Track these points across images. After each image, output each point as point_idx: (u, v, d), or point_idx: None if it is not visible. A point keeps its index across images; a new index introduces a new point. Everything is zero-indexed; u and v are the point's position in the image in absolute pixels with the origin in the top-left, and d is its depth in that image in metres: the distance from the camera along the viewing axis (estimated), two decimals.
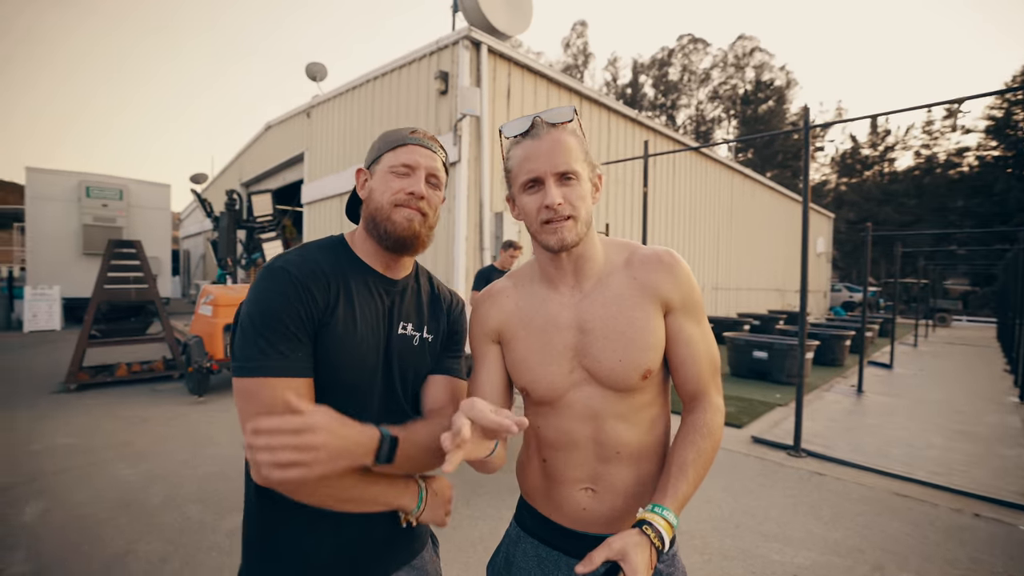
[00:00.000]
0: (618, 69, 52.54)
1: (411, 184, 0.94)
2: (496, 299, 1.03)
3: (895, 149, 39.39)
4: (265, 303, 0.83)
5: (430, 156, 0.97)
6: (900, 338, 13.16)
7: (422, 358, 1.01)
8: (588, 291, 0.95)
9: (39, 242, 11.69)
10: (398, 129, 1.00)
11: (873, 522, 2.94)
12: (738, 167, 14.62)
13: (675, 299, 0.92)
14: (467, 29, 6.69)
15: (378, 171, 0.97)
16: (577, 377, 0.93)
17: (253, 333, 0.82)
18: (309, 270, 0.88)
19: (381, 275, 0.99)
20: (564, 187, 0.87)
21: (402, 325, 0.99)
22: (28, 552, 2.47)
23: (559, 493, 0.96)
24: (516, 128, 0.93)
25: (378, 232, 0.94)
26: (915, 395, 6.46)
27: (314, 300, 0.86)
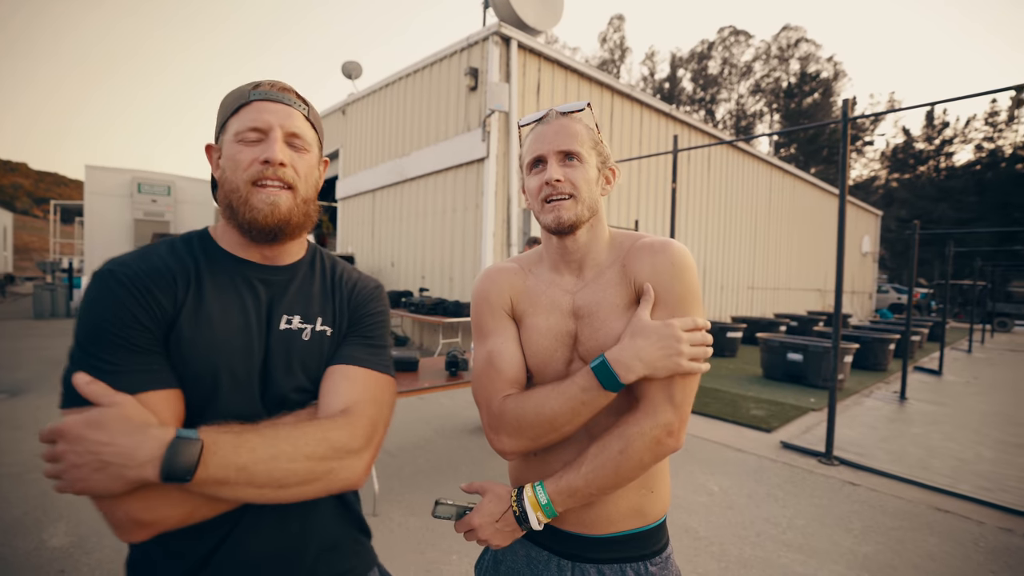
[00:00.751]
0: (656, 63, 51.50)
1: (264, 150, 0.75)
2: (503, 274, 1.00)
3: (953, 142, 37.05)
4: (93, 314, 0.67)
5: (285, 111, 0.78)
6: (953, 343, 12.42)
7: (316, 354, 0.83)
8: (588, 280, 0.94)
9: (95, 235, 12.45)
10: (239, 87, 0.80)
11: (909, 537, 2.78)
12: (778, 163, 14.10)
13: (651, 286, 0.86)
14: (497, 25, 6.68)
15: (225, 142, 0.78)
16: (576, 367, 0.92)
17: (80, 353, 0.66)
18: (146, 267, 0.72)
19: (257, 264, 0.82)
20: (566, 167, 0.87)
21: (286, 319, 0.81)
22: (68, 524, 2.64)
23: None
24: (531, 118, 0.95)
25: (237, 220, 0.77)
26: (965, 404, 6.07)
27: (156, 301, 0.70)
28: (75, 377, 0.62)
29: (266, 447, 0.66)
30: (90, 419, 0.59)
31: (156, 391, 0.67)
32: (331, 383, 0.81)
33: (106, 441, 0.58)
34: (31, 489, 3.01)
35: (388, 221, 9.52)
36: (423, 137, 8.38)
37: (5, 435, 3.94)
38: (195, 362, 0.72)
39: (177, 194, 13.32)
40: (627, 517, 0.90)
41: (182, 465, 0.60)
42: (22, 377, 5.85)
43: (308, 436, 0.70)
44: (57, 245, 19.49)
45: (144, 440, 0.60)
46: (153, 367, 0.68)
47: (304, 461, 0.68)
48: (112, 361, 0.65)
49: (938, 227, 29.70)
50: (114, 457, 0.58)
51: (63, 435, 0.58)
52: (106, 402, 0.61)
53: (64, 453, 0.58)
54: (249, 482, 0.65)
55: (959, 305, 23.72)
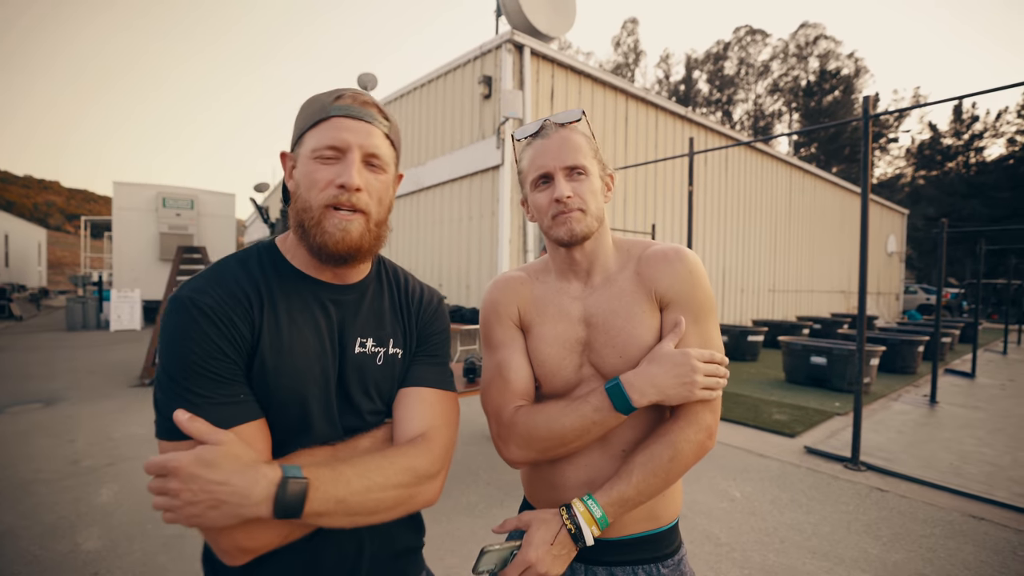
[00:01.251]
0: (671, 66, 51.19)
1: (341, 173, 0.73)
2: (511, 284, 1.01)
3: (984, 136, 35.88)
4: (179, 345, 0.67)
5: (365, 130, 0.75)
6: (986, 345, 11.98)
7: (389, 377, 0.84)
8: (596, 286, 0.95)
9: (123, 249, 12.86)
10: (321, 94, 0.78)
11: (941, 545, 2.69)
12: (797, 162, 13.86)
13: (670, 294, 0.90)
14: (510, 32, 6.74)
15: (301, 156, 0.76)
16: (586, 372, 0.93)
17: (172, 386, 0.67)
18: (225, 294, 0.71)
19: (326, 284, 0.81)
20: (573, 181, 0.88)
21: (360, 342, 0.82)
22: (101, 528, 2.72)
23: (561, 495, 0.94)
24: (527, 131, 0.95)
25: (308, 242, 0.75)
26: (1000, 407, 5.85)
27: (237, 331, 0.71)
28: (176, 414, 0.64)
29: (360, 479, 0.69)
30: (202, 458, 0.61)
31: (247, 423, 0.69)
32: (406, 407, 0.83)
33: (221, 480, 0.60)
34: (65, 495, 3.12)
35: (405, 230, 9.63)
36: (438, 146, 8.48)
37: (41, 442, 4.09)
38: (280, 391, 0.73)
39: (199, 207, 13.70)
40: (639, 520, 0.91)
41: (292, 503, 0.63)
42: (56, 387, 6.06)
43: (396, 466, 0.73)
44: (88, 259, 20.18)
45: (256, 479, 0.62)
46: (240, 397, 0.70)
47: (393, 490, 0.72)
48: (202, 394, 0.67)
49: (968, 224, 28.77)
50: (230, 496, 0.61)
51: (177, 473, 0.59)
52: (212, 439, 0.63)
53: (179, 491, 0.59)
54: (346, 512, 0.68)
55: (992, 305, 22.90)
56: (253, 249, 0.81)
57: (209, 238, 13.59)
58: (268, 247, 0.81)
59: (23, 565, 2.37)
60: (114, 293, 12.03)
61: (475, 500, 3.11)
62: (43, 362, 7.74)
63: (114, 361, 7.93)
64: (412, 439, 0.79)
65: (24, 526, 2.72)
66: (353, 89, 0.78)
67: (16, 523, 2.75)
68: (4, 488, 3.20)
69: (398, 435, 0.81)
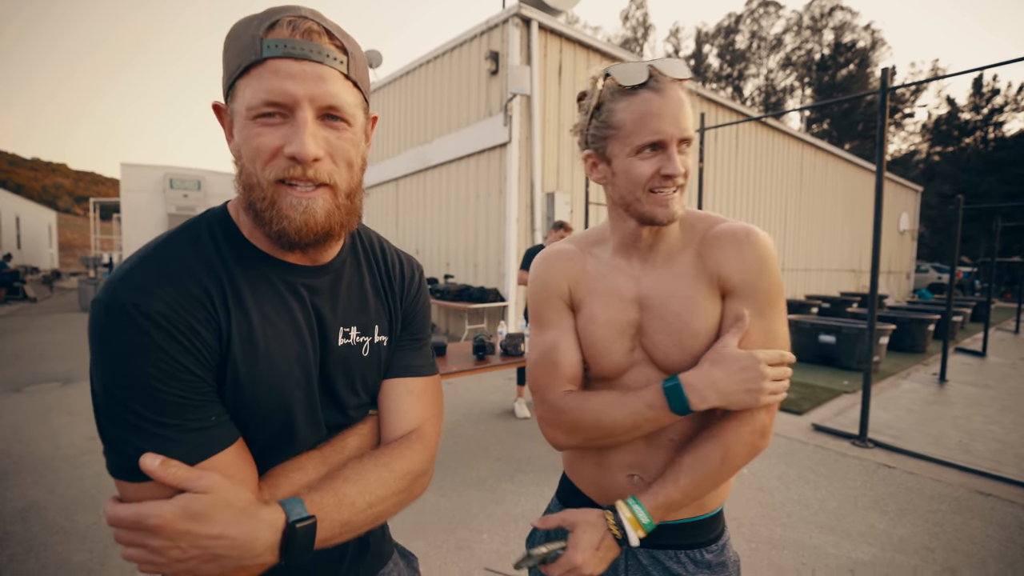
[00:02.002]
0: (680, 40, 49.92)
1: (290, 138, 0.56)
2: (560, 260, 0.93)
3: (1004, 111, 34.89)
4: (126, 366, 0.53)
5: (316, 73, 0.56)
6: (998, 324, 11.86)
7: (375, 368, 0.76)
8: (657, 264, 0.87)
9: (131, 230, 12.97)
10: (249, 19, 0.57)
11: (948, 520, 2.71)
12: (809, 139, 13.60)
13: (734, 280, 0.81)
14: (517, 6, 6.59)
15: (237, 114, 0.58)
16: (637, 357, 0.87)
17: (125, 414, 0.53)
18: (179, 294, 0.56)
19: (296, 266, 0.67)
20: (683, 155, 0.78)
21: (343, 332, 0.71)
22: None
23: (604, 476, 0.91)
24: (633, 76, 0.77)
25: (264, 227, 0.60)
26: (1010, 386, 5.82)
27: (201, 340, 0.57)
28: (144, 460, 0.51)
29: (362, 496, 0.64)
30: (190, 511, 0.51)
31: (225, 450, 0.58)
32: (394, 400, 0.76)
33: (215, 535, 0.52)
34: (87, 470, 3.20)
35: (412, 209, 9.59)
36: (445, 124, 8.38)
37: (60, 420, 4.19)
38: (258, 402, 0.62)
39: (206, 188, 13.73)
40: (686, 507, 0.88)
41: (303, 547, 0.57)
42: (72, 366, 6.18)
43: (396, 473, 0.68)
44: (98, 241, 20.36)
45: (258, 527, 0.54)
46: (211, 420, 0.57)
47: (393, 498, 0.67)
48: (167, 423, 0.54)
49: (984, 201, 28.22)
50: (229, 551, 0.53)
51: (158, 531, 0.50)
52: (196, 487, 0.52)
53: (164, 548, 0.50)
54: (350, 532, 0.63)
55: (1006, 284, 22.60)
56: (202, 221, 0.64)
57: None
58: (221, 218, 0.65)
59: (50, 535, 2.46)
60: None
61: (484, 475, 3.17)
62: (58, 342, 7.88)
63: None
64: (404, 436, 0.73)
65: (48, 500, 2.81)
66: (292, 9, 0.57)
67: (41, 497, 2.84)
68: (28, 464, 3.30)
69: (387, 432, 0.74)
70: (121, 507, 0.52)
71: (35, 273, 20.19)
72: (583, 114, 0.85)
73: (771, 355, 0.77)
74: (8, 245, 18.87)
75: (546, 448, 3.59)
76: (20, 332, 8.95)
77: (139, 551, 0.51)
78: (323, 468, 0.67)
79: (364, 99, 0.65)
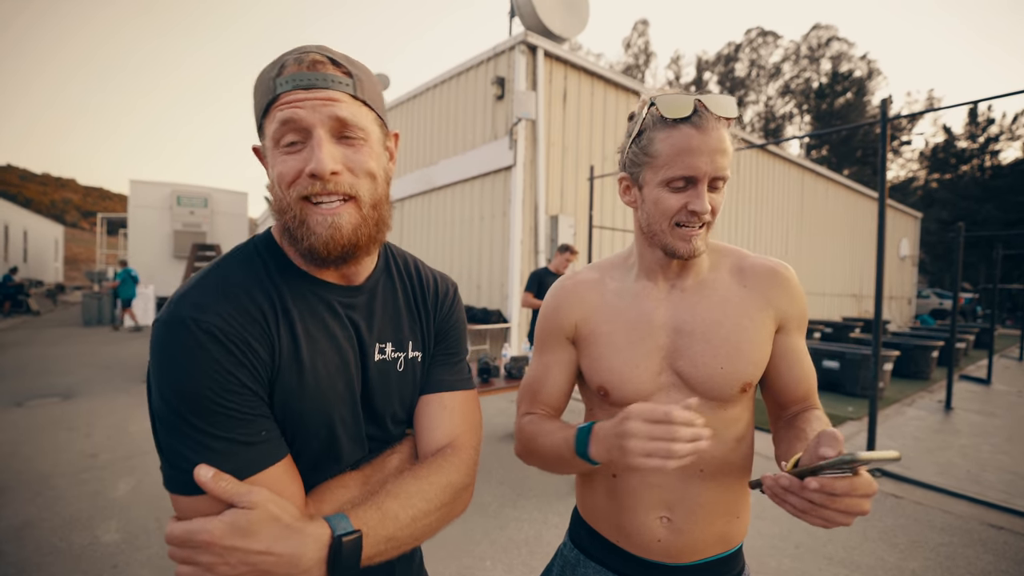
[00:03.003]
0: (681, 67, 50.97)
1: (308, 158, 0.60)
2: (578, 291, 0.94)
3: (999, 139, 35.34)
4: (186, 379, 0.56)
5: (323, 98, 0.61)
6: (1002, 350, 11.80)
7: (411, 383, 0.78)
8: (688, 289, 0.88)
9: (138, 246, 13.05)
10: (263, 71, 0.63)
11: (959, 554, 2.66)
12: (810, 165, 13.76)
13: (792, 316, 0.87)
14: (523, 34, 6.75)
15: (267, 148, 0.64)
16: (665, 380, 0.85)
17: (182, 426, 0.56)
18: (235, 310, 0.60)
19: (333, 285, 0.70)
20: (712, 193, 0.79)
21: (379, 348, 0.73)
22: (119, 522, 2.76)
23: (630, 520, 0.87)
24: (677, 108, 0.76)
25: (296, 244, 0.64)
26: (1017, 415, 5.76)
27: (256, 356, 0.60)
28: (198, 472, 0.54)
29: (406, 511, 0.64)
30: (237, 526, 0.53)
31: (274, 465, 0.59)
32: (429, 416, 0.77)
33: (262, 550, 0.53)
34: (84, 488, 3.17)
35: (416, 229, 9.67)
36: (450, 146, 8.50)
37: (60, 436, 4.16)
38: (305, 416, 0.64)
39: (213, 205, 13.86)
40: (713, 544, 0.87)
41: (349, 562, 0.57)
42: (74, 381, 6.16)
43: (436, 487, 0.68)
44: (104, 256, 20.47)
45: (305, 543, 0.55)
46: (262, 435, 0.59)
47: (436, 512, 0.67)
48: (221, 436, 0.56)
49: (983, 229, 28.35)
50: (275, 567, 0.53)
51: (209, 548, 0.52)
52: (244, 502, 0.54)
53: (213, 565, 0.52)
54: (395, 548, 0.63)
55: (1008, 310, 22.55)
56: (251, 244, 0.69)
57: (222, 236, 13.75)
58: (267, 243, 0.69)
59: (44, 556, 2.42)
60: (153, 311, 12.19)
61: (488, 500, 3.12)
62: (60, 357, 7.87)
63: (129, 356, 8.03)
64: (440, 450, 0.74)
65: (44, 518, 2.77)
66: (299, 49, 0.62)
67: (37, 515, 2.80)
68: (24, 481, 3.26)
69: (423, 447, 0.75)
70: (175, 525, 0.54)
71: (39, 287, 20.26)
72: (626, 136, 0.86)
73: (652, 413, 0.67)
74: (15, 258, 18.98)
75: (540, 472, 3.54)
76: (23, 345, 8.94)
77: (191, 568, 0.53)
78: (365, 486, 0.68)
79: (378, 116, 0.68)
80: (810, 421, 0.81)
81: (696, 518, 0.85)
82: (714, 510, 0.86)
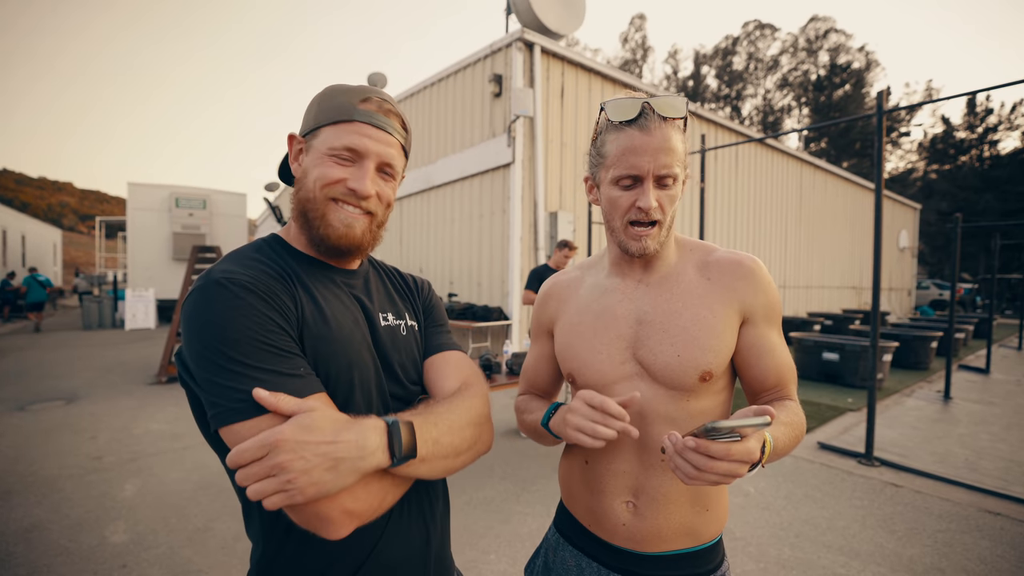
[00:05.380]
0: (679, 61, 50.85)
1: (354, 178, 0.75)
2: (558, 288, 1.05)
3: (998, 130, 35.29)
4: (229, 323, 0.63)
5: (384, 140, 0.77)
6: (1001, 340, 11.84)
7: (415, 347, 0.89)
8: (653, 284, 0.92)
9: (137, 249, 13.04)
10: (347, 89, 0.77)
11: (957, 540, 2.69)
12: (808, 158, 13.76)
13: (757, 308, 0.88)
14: (520, 31, 6.75)
15: (315, 147, 0.76)
16: (628, 370, 0.89)
17: (231, 365, 0.61)
18: (258, 272, 0.70)
19: (336, 268, 0.83)
20: (660, 190, 0.83)
21: (382, 316, 0.85)
22: (127, 522, 2.79)
23: (599, 504, 0.92)
24: (622, 112, 0.82)
25: (310, 230, 0.77)
26: (1016, 403, 5.80)
27: (282, 303, 0.69)
28: (256, 391, 0.59)
29: (443, 420, 0.72)
30: (303, 424, 0.58)
31: (314, 395, 0.65)
32: (437, 369, 0.87)
33: (331, 439, 0.58)
34: (91, 490, 3.20)
35: (416, 228, 9.68)
36: (449, 144, 8.51)
37: (65, 439, 4.18)
38: (335, 359, 0.72)
39: (212, 207, 13.84)
40: (678, 536, 0.88)
41: (408, 445, 0.64)
42: (76, 385, 6.19)
43: (462, 407, 0.77)
44: (103, 259, 20.45)
45: (365, 430, 0.62)
46: (302, 371, 0.66)
47: (468, 428, 0.75)
48: (268, 369, 0.63)
49: (982, 219, 28.36)
50: (347, 452, 0.59)
51: (282, 445, 0.55)
52: (304, 408, 0.60)
53: (290, 462, 0.55)
54: (438, 454, 0.69)
55: (1007, 300, 22.59)
56: (260, 241, 0.81)
57: (221, 237, 13.74)
58: (275, 238, 0.82)
59: (54, 557, 2.45)
60: (128, 292, 12.20)
61: (491, 495, 3.15)
62: (62, 361, 7.89)
63: (131, 359, 8.06)
64: (456, 390, 0.82)
65: (53, 520, 2.80)
66: (378, 93, 0.77)
67: (45, 517, 2.83)
68: (32, 483, 3.29)
69: (438, 394, 0.83)
70: (240, 446, 0.57)
71: None
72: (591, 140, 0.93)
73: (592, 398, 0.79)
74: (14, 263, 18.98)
75: (552, 467, 3.57)
76: (24, 350, 8.96)
77: (266, 481, 0.56)
78: None
79: (405, 165, 0.86)
80: (776, 409, 0.81)
81: (659, 505, 0.88)
82: (678, 499, 0.88)
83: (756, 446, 0.63)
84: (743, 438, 0.63)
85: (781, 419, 0.78)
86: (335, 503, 0.61)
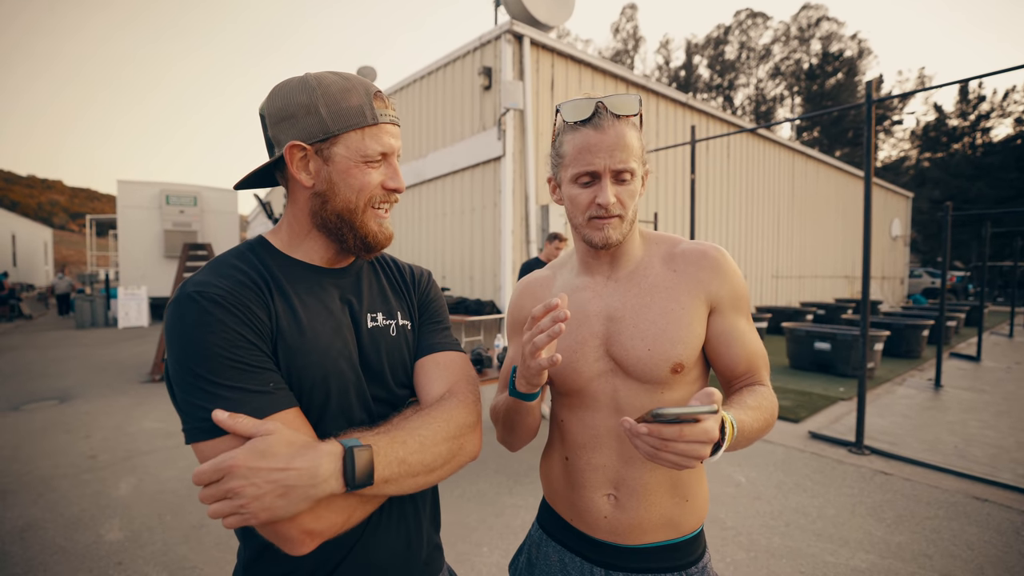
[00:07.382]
0: (671, 51, 50.64)
1: (389, 177, 0.78)
2: (531, 288, 1.06)
3: (991, 117, 35.40)
4: (196, 339, 0.63)
5: (398, 132, 0.80)
6: (992, 328, 11.96)
7: (404, 348, 0.86)
8: (621, 280, 0.94)
9: (128, 247, 12.94)
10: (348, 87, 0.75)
11: (945, 527, 2.74)
12: (800, 148, 13.77)
13: (723, 297, 0.89)
14: (509, 23, 6.70)
15: (340, 155, 0.74)
16: (603, 367, 0.91)
17: (197, 382, 0.63)
18: (232, 284, 0.69)
19: (324, 268, 0.81)
20: (619, 185, 0.85)
21: (371, 317, 0.83)
22: (122, 520, 2.80)
23: (581, 498, 0.93)
24: (577, 112, 0.85)
25: (341, 234, 0.78)
26: (1005, 390, 5.87)
27: (254, 315, 0.68)
28: (215, 413, 0.60)
29: (413, 438, 0.70)
30: (257, 449, 0.58)
31: (282, 411, 0.65)
32: (426, 373, 0.85)
33: (283, 467, 0.58)
34: (85, 489, 3.20)
35: (407, 222, 9.65)
36: (439, 138, 8.46)
37: (59, 438, 4.17)
38: (308, 370, 0.71)
39: (203, 204, 13.74)
40: (659, 527, 0.89)
41: (363, 471, 0.62)
42: (69, 383, 6.16)
43: (439, 420, 0.74)
44: (95, 258, 20.29)
45: (318, 457, 0.60)
46: (270, 386, 0.66)
47: (444, 443, 0.73)
48: (233, 385, 0.63)
49: (975, 207, 28.53)
50: (297, 480, 0.58)
51: (234, 471, 0.56)
52: (260, 431, 0.60)
53: (241, 488, 0.56)
54: (408, 474, 0.68)
55: (998, 288, 22.78)
56: (245, 245, 0.79)
57: (213, 234, 13.65)
58: (260, 242, 0.80)
59: (50, 555, 2.45)
60: (120, 291, 12.13)
61: (484, 488, 3.17)
62: (55, 360, 7.85)
63: (124, 358, 8.02)
64: (440, 397, 0.80)
65: (48, 519, 2.80)
66: (377, 88, 0.78)
67: (40, 516, 2.83)
68: (27, 483, 3.29)
69: (425, 400, 0.81)
70: (201, 466, 0.58)
71: (31, 290, 20.10)
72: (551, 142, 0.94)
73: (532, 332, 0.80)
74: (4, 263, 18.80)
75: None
76: (17, 349, 8.91)
77: (222, 503, 0.57)
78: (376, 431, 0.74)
79: None
80: (743, 394, 0.84)
81: (639, 497, 0.89)
82: (658, 490, 0.89)
83: (713, 426, 0.63)
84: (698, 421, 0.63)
85: (749, 403, 0.79)
86: (294, 524, 0.62)
